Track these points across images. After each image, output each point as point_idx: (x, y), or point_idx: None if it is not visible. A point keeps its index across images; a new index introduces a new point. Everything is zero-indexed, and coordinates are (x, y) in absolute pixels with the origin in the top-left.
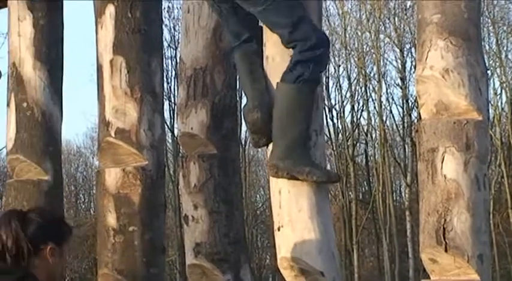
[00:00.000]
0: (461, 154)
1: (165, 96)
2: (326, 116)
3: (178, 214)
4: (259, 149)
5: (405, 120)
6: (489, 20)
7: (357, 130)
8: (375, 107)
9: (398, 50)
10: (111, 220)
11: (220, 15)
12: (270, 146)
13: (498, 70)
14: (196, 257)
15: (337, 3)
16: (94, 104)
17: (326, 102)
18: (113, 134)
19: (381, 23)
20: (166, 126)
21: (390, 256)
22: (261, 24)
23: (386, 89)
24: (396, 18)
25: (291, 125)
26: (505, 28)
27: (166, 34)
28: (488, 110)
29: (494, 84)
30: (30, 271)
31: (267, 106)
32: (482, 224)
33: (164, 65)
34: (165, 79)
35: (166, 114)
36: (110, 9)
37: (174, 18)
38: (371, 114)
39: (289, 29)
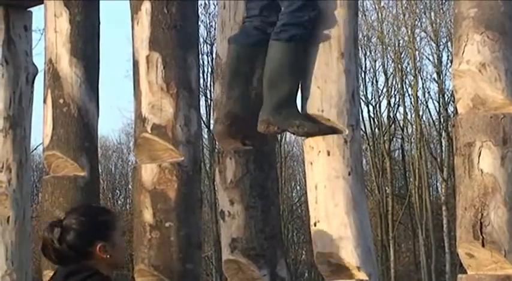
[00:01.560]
0: (498, 149)
1: (201, 92)
2: (362, 111)
3: (214, 209)
4: (295, 144)
5: (441, 115)
6: None
7: (393, 125)
8: (411, 102)
9: (434, 45)
10: (148, 215)
11: None
12: (306, 141)
13: None
14: (232, 253)
15: None
16: (130, 100)
17: (362, 97)
18: (149, 130)
19: (416, 17)
20: (202, 122)
21: (427, 251)
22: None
23: (423, 84)
24: (432, 13)
25: (282, 81)
26: None
27: (202, 30)
28: None
29: None
30: (96, 269)
31: (232, 117)
32: None
33: (200, 61)
34: (201, 75)
35: (203, 110)
36: (146, 6)
37: (210, 14)
38: (407, 109)
39: None
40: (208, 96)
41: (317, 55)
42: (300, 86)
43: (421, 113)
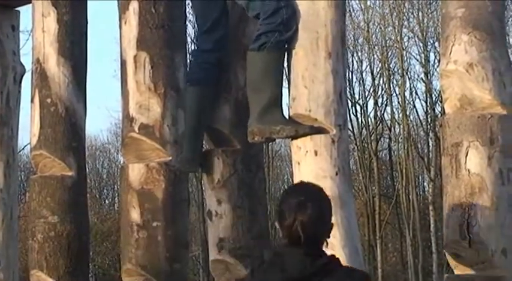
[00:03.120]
0: (485, 149)
1: None
2: (349, 111)
3: (201, 209)
4: (283, 144)
5: (429, 115)
6: None
7: (380, 125)
8: (398, 102)
9: (421, 45)
10: (135, 215)
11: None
12: (294, 141)
13: None
14: (219, 253)
15: None
16: (117, 99)
17: (349, 97)
18: (136, 130)
19: (404, 17)
20: None
21: (414, 250)
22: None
23: (410, 84)
24: (420, 13)
25: (260, 90)
26: None
27: (189, 30)
28: None
29: None
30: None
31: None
32: (506, 218)
33: (188, 61)
34: None
35: None
36: (134, 5)
37: None
38: (394, 109)
39: None
40: None
41: (304, 55)
42: (281, 90)
43: (408, 113)
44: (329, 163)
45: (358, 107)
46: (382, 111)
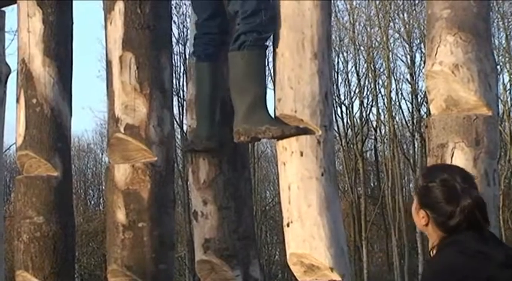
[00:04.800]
0: (470, 150)
1: (174, 92)
2: (335, 111)
3: (187, 209)
4: (269, 145)
5: (414, 116)
6: (498, 15)
7: (366, 126)
8: (384, 103)
9: (407, 45)
10: (121, 215)
11: None
12: (279, 142)
13: (508, 65)
14: (205, 253)
15: None
16: (102, 100)
17: (335, 97)
18: (122, 130)
19: (389, 18)
20: (175, 122)
21: (399, 251)
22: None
23: (396, 85)
24: (405, 14)
25: (244, 90)
26: None
27: (174, 30)
28: (497, 105)
29: (503, 80)
30: None
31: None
32: (491, 219)
33: (173, 61)
34: (174, 75)
35: (176, 110)
36: (119, 6)
37: (182, 14)
38: (380, 110)
39: None
40: (181, 97)
41: (290, 56)
42: (265, 89)
43: (394, 113)
44: (315, 164)
45: (343, 108)
46: (368, 112)
